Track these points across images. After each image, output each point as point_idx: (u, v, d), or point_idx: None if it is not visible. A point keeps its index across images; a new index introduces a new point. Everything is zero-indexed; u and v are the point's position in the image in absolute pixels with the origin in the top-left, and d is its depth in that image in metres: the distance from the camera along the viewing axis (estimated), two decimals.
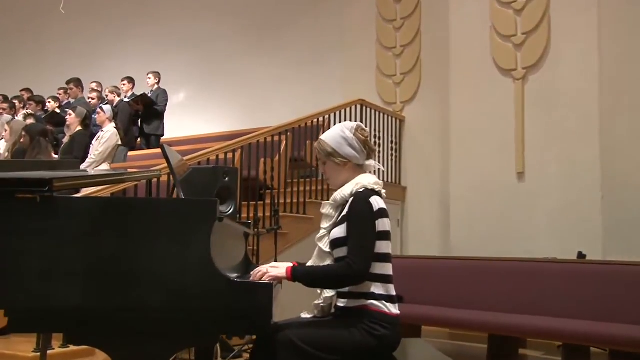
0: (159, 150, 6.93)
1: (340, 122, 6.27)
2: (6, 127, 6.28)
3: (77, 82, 7.55)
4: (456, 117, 6.52)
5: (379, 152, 6.78)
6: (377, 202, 2.09)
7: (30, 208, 1.74)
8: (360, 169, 2.19)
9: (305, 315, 2.18)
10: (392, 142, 7.09)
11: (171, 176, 2.59)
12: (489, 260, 4.83)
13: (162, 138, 7.55)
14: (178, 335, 1.72)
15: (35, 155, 4.68)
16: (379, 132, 6.87)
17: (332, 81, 7.83)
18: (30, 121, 6.38)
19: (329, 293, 2.13)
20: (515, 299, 4.42)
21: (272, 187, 5.27)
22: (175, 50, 9.27)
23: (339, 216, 2.15)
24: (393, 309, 2.09)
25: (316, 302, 2.16)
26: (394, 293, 2.12)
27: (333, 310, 2.16)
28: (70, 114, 6.02)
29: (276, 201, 5.19)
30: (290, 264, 2.15)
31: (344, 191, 2.14)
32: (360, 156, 2.17)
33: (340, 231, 2.08)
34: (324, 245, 2.14)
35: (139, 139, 7.48)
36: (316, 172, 5.98)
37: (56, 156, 5.93)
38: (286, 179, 5.69)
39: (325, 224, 2.18)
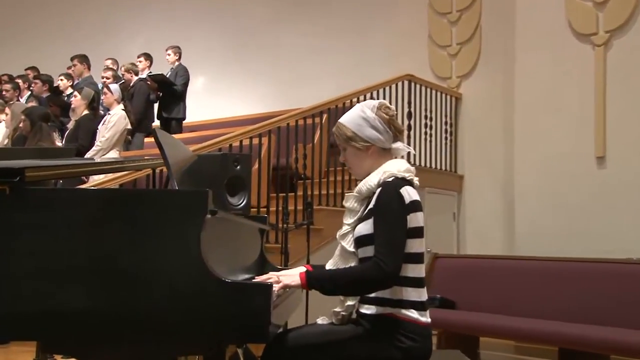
0: (182, 136, 7.04)
1: (386, 100, 6.16)
2: (7, 110, 6.42)
3: (82, 59, 7.53)
4: (522, 93, 6.33)
5: (431, 135, 6.73)
6: (408, 194, 2.04)
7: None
8: (387, 153, 2.15)
9: (322, 321, 2.16)
10: (446, 123, 6.99)
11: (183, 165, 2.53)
12: (560, 261, 4.69)
13: (184, 122, 7.58)
14: (164, 342, 1.73)
15: (36, 142, 4.77)
16: (431, 112, 6.77)
17: (378, 54, 7.77)
18: (32, 104, 6.48)
19: (351, 301, 2.10)
20: (593, 307, 4.27)
21: (304, 177, 5.20)
22: (198, 22, 9.32)
23: (364, 210, 2.11)
24: (423, 317, 2.05)
25: (336, 309, 2.13)
26: (425, 298, 2.08)
27: (354, 316, 2.14)
28: (75, 96, 6.09)
29: (310, 192, 5.16)
30: (303, 268, 2.12)
31: (370, 181, 2.09)
32: (384, 138, 2.13)
33: (366, 227, 2.04)
34: (348, 244, 2.11)
35: (156, 124, 7.51)
36: None
37: (60, 144, 6.03)
38: (321, 168, 5.60)
39: (348, 220, 2.15)
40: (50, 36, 9.73)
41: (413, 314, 2.02)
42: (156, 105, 7.45)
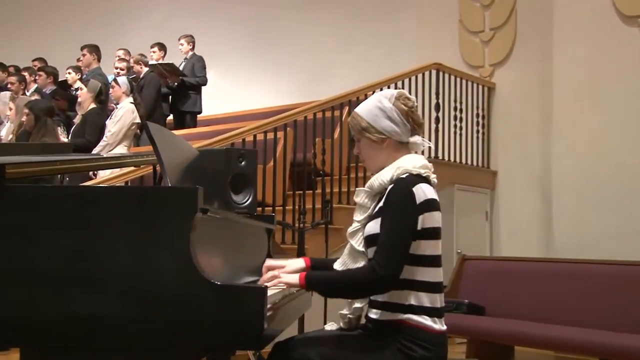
0: (196, 130, 7.05)
1: (412, 91, 6.13)
2: (11, 105, 6.46)
3: (92, 49, 7.50)
4: (562, 81, 6.21)
5: (461, 128, 6.66)
6: (423, 192, 2.03)
7: None
8: (404, 147, 2.14)
9: (331, 327, 2.19)
10: (478, 115, 6.91)
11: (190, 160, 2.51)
12: (603, 264, 4.60)
13: (199, 116, 7.59)
14: (153, 348, 1.73)
15: (40, 138, 4.81)
16: (461, 103, 6.69)
17: (405, 41, 7.73)
18: (36, 97, 6.50)
19: (359, 303, 2.12)
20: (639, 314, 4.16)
21: (323, 174, 5.15)
22: (213, 9, 9.34)
23: (375, 207, 2.11)
24: (437, 324, 2.04)
25: (342, 312, 2.15)
26: (439, 305, 2.07)
27: (363, 321, 2.16)
28: (81, 89, 6.12)
29: (329, 190, 5.12)
30: (302, 261, 2.17)
31: (383, 176, 2.09)
32: (401, 131, 2.11)
33: (375, 226, 2.04)
34: (357, 243, 2.12)
35: (170, 117, 7.52)
36: None
37: (66, 139, 6.07)
38: (341, 164, 5.53)
39: (359, 216, 2.15)
40: (59, 25, 9.81)
41: (426, 320, 2.01)
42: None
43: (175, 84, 7.28)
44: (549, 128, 6.33)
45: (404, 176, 2.03)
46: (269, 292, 1.95)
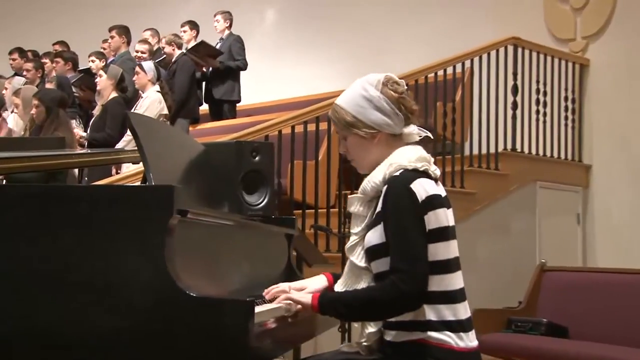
0: (234, 122, 7.14)
1: (484, 71, 6.08)
2: (16, 100, 6.59)
3: (121, 31, 7.45)
4: None
5: (545, 114, 6.53)
6: (423, 188, 2.03)
7: None
8: (398, 140, 2.14)
9: (348, 349, 2.20)
10: (566, 99, 6.78)
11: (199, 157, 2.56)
12: None
13: (238, 105, 7.68)
14: None
15: (52, 132, 4.96)
16: (545, 85, 6.57)
17: (478, 11, 7.60)
18: (51, 86, 6.62)
19: (372, 328, 2.10)
20: None
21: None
22: None
23: (372, 214, 2.11)
24: (462, 340, 2.03)
25: (359, 341, 2.15)
26: (464, 316, 2.05)
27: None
28: (100, 76, 6.25)
29: None
30: (324, 277, 2.21)
31: (375, 177, 2.09)
32: (394, 122, 2.12)
33: (375, 236, 2.06)
34: (357, 258, 2.12)
35: (205, 107, 7.64)
36: (453, 146, 5.81)
37: (84, 133, 6.25)
38: None
39: (356, 228, 2.15)
40: (82, 10, 10.06)
41: (449, 337, 2.00)
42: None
43: (211, 69, 7.37)
44: None
45: (397, 174, 2.03)
46: (272, 306, 1.98)
